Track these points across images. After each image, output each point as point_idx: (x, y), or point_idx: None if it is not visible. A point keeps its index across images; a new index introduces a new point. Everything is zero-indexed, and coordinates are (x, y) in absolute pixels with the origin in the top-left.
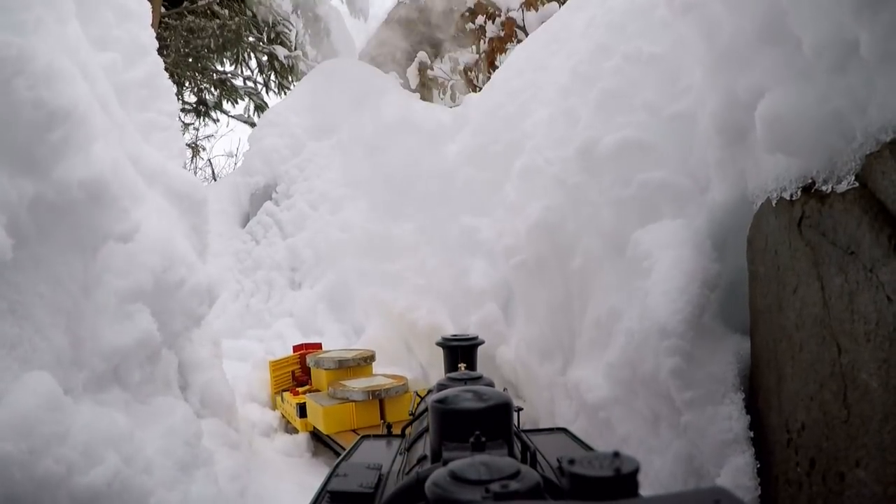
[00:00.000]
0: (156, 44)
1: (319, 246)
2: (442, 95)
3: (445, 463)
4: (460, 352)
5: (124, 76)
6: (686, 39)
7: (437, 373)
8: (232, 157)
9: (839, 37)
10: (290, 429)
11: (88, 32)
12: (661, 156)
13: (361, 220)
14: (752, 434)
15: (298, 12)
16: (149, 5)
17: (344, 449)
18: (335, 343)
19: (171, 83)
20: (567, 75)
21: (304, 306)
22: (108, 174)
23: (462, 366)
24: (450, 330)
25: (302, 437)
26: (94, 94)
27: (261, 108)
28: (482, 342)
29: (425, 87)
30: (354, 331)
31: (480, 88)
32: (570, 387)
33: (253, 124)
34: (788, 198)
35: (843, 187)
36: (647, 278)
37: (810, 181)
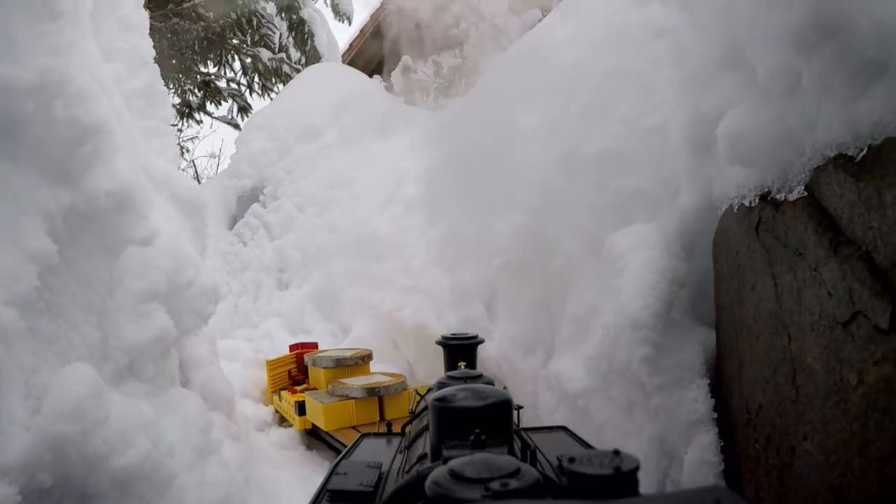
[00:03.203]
0: (153, 52)
1: (307, 247)
2: (425, 98)
3: (445, 461)
4: (460, 350)
5: (127, 86)
6: (658, 61)
7: (424, 370)
8: (214, 157)
9: (788, 68)
10: (284, 424)
11: (98, 46)
12: (636, 165)
13: (348, 222)
14: (716, 415)
15: (283, 15)
16: (147, 14)
17: (342, 444)
18: (323, 342)
19: (166, 89)
20: (549, 88)
21: (292, 306)
22: (130, 184)
23: (462, 364)
24: (436, 328)
25: (295, 431)
26: (111, 108)
27: (244, 109)
28: (482, 341)
29: (409, 90)
30: (342, 330)
31: (463, 92)
32: (552, 379)
33: (236, 126)
34: (748, 205)
35: (793, 196)
36: (621, 277)
37: (766, 190)
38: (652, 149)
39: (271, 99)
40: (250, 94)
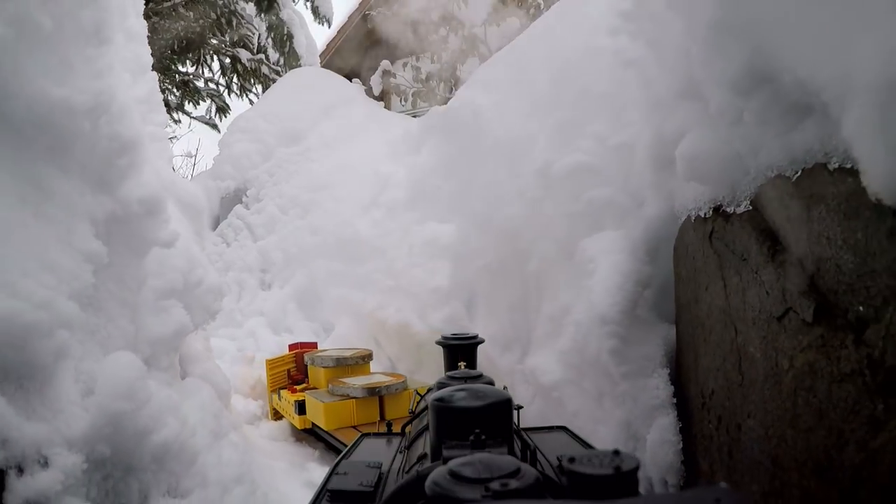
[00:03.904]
0: (151, 60)
1: (289, 248)
2: (403, 102)
3: (445, 461)
4: (460, 350)
5: (131, 94)
6: (627, 85)
7: (405, 366)
8: (190, 157)
9: (732, 105)
10: (275, 419)
11: None
12: (606, 177)
13: (330, 224)
14: (675, 400)
15: (262, 16)
16: (145, 23)
17: (340, 443)
18: (305, 338)
19: (161, 95)
20: (528, 102)
21: (275, 306)
22: (156, 191)
23: (462, 364)
24: (418, 327)
25: (285, 424)
26: None
27: (223, 110)
28: (482, 341)
29: (387, 94)
30: (324, 329)
31: (441, 97)
32: (528, 372)
33: (215, 126)
34: (703, 216)
35: (741, 209)
36: (592, 278)
37: (718, 204)
38: (621, 164)
39: (249, 100)
40: (229, 95)
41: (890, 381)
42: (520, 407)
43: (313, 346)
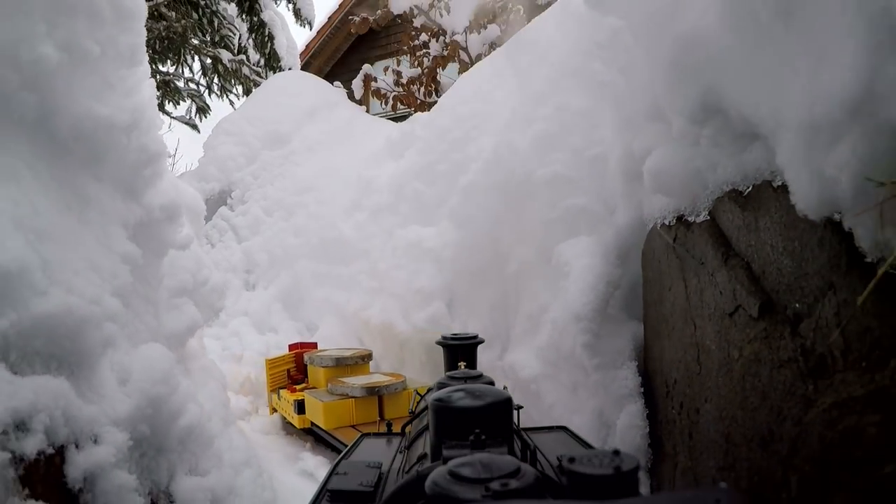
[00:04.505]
0: (149, 69)
1: (274, 250)
2: (384, 105)
3: (445, 461)
4: (460, 350)
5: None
6: (601, 103)
7: (389, 364)
8: (170, 157)
9: (691, 129)
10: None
11: None
12: (581, 187)
13: (314, 226)
14: (642, 389)
15: (243, 17)
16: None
17: (337, 440)
18: (290, 339)
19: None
20: (509, 113)
21: (259, 306)
22: (174, 198)
23: (462, 364)
24: (401, 325)
25: (276, 417)
26: None
27: (203, 110)
28: (482, 341)
29: (367, 96)
30: (308, 329)
31: (421, 101)
32: (507, 368)
33: (194, 126)
34: (667, 224)
35: (700, 219)
36: (567, 280)
37: (681, 214)
38: (595, 175)
39: (230, 101)
40: (209, 95)
41: (819, 366)
42: (520, 407)
43: (313, 346)
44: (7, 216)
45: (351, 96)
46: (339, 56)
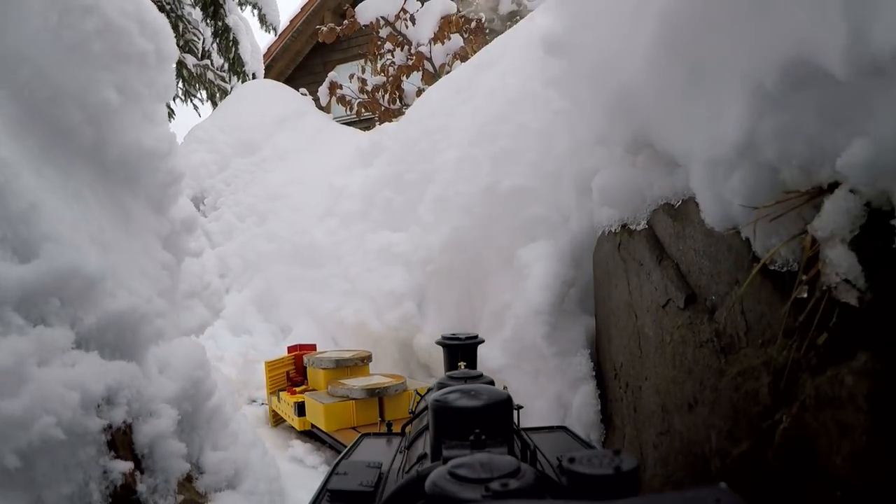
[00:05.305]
0: None
1: (247, 254)
2: (348, 111)
3: (445, 461)
4: (460, 350)
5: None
6: (557, 125)
7: None
8: None
9: (629, 156)
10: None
11: None
12: (540, 198)
13: (287, 232)
14: (594, 373)
15: (208, 21)
16: None
17: (337, 439)
18: (264, 341)
19: None
20: (474, 129)
21: (234, 309)
22: (193, 212)
23: (462, 364)
24: (374, 325)
25: (261, 411)
26: None
27: (167, 114)
28: (482, 341)
29: (332, 103)
30: (281, 330)
31: (385, 108)
32: None
33: None
34: (614, 231)
35: (640, 227)
36: (527, 280)
37: (624, 223)
38: (552, 188)
39: (194, 105)
40: (173, 100)
41: (728, 344)
42: (520, 407)
43: (312, 347)
44: (84, 232)
45: (317, 103)
46: (300, 59)
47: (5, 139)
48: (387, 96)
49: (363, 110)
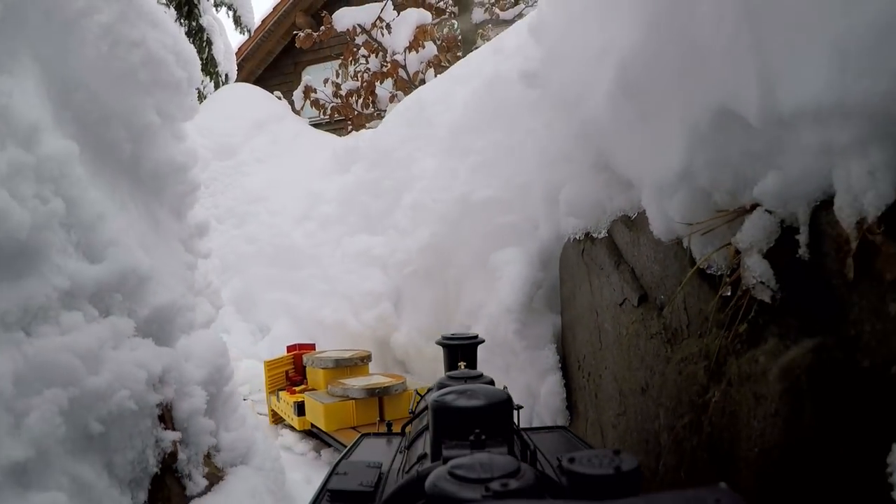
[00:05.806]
0: None
1: (226, 256)
2: (322, 115)
3: (445, 461)
4: (460, 350)
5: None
6: (527, 144)
7: None
8: None
9: (592, 173)
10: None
11: None
12: (511, 207)
13: (266, 234)
14: (560, 365)
15: (182, 21)
16: None
17: (336, 439)
18: (243, 340)
19: None
20: (450, 140)
21: None
22: (206, 218)
23: (462, 364)
24: (353, 324)
25: (249, 405)
26: None
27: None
28: (482, 341)
29: (304, 106)
30: (260, 329)
31: (359, 112)
32: None
33: None
34: (578, 238)
35: (601, 235)
36: (499, 282)
37: (588, 231)
38: (522, 198)
39: None
40: None
41: (673, 336)
42: (520, 407)
43: (311, 347)
44: (133, 237)
45: (292, 106)
46: (271, 60)
47: (76, 157)
48: (360, 101)
49: (336, 114)
